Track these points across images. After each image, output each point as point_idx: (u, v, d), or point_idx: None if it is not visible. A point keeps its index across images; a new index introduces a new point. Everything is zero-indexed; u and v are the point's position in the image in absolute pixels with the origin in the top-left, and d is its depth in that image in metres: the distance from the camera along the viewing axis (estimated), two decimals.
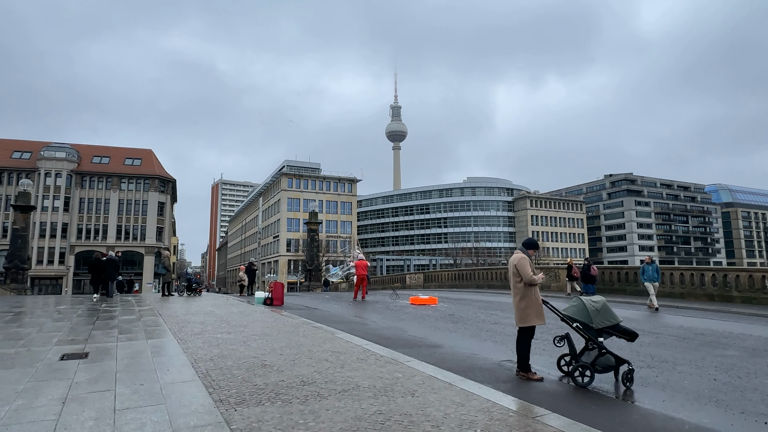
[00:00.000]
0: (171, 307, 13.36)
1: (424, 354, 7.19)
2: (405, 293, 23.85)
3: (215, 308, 12.83)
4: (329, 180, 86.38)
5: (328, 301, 17.76)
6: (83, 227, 68.56)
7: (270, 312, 12.02)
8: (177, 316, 10.70)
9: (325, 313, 12.86)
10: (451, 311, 13.50)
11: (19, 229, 37.34)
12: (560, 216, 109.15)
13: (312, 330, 8.80)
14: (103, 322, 9.57)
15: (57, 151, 68.28)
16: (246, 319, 10.41)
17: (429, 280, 33.98)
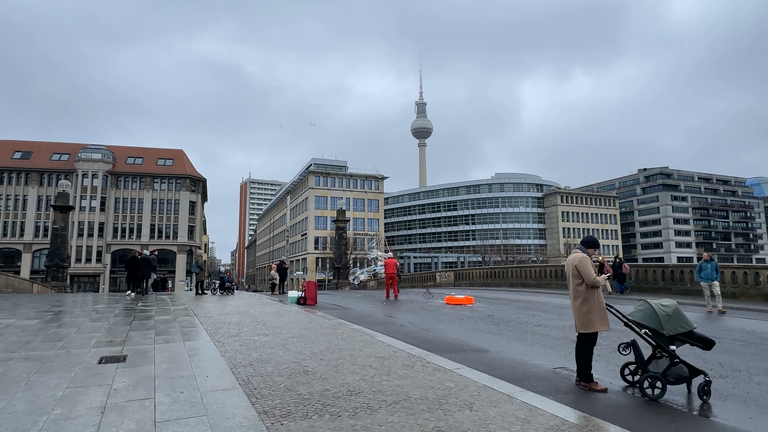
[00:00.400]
0: (205, 306, 13.30)
1: (471, 360, 6.77)
2: (437, 292, 23.39)
3: (249, 308, 12.68)
4: (356, 177, 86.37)
5: (360, 300, 17.47)
6: (119, 226, 70.57)
7: (304, 312, 11.79)
8: (212, 317, 10.56)
9: (360, 314, 12.55)
10: (490, 312, 12.99)
11: (58, 228, 38.53)
12: (592, 212, 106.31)
13: (350, 332, 8.48)
14: (140, 323, 9.50)
15: (93, 153, 70.44)
16: (281, 319, 10.18)
17: (460, 278, 33.37)
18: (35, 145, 73.70)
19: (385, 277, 18.02)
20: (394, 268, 17.68)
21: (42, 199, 68.26)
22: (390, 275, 17.55)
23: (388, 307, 14.56)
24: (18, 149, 71.69)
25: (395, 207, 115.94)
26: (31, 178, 68.89)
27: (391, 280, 17.58)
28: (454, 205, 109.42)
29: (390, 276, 17.50)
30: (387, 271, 17.69)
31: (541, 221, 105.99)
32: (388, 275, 17.67)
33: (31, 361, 5.94)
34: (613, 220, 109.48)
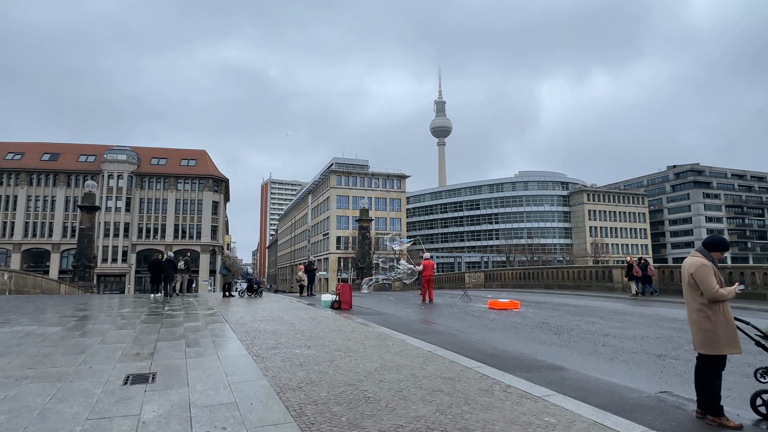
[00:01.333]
0: (235, 311, 12.53)
1: (552, 381, 5.75)
2: (471, 294, 22.24)
3: (282, 313, 11.86)
4: (378, 177, 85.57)
5: (395, 304, 16.54)
6: (143, 226, 71.21)
7: (342, 318, 10.89)
8: (245, 324, 9.75)
9: (401, 320, 11.61)
10: (542, 318, 11.89)
11: (85, 228, 38.65)
12: (620, 210, 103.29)
13: (400, 344, 7.53)
14: (168, 331, 8.73)
15: (119, 154, 71.22)
16: (320, 327, 9.30)
17: (490, 279, 32.14)
18: (63, 146, 74.95)
19: (421, 279, 16.94)
20: (432, 270, 16.60)
21: (69, 200, 69.29)
22: (428, 278, 16.49)
23: (429, 312, 13.57)
24: (46, 151, 73.00)
25: (416, 206, 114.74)
26: (59, 179, 70.01)
27: (427, 283, 16.54)
28: (477, 204, 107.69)
29: (428, 278, 16.44)
30: (424, 273, 16.62)
31: (566, 220, 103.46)
32: (425, 278, 16.59)
33: (48, 381, 5.14)
34: (641, 218, 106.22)
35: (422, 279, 16.76)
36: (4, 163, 69.89)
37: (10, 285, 23.41)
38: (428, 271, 16.73)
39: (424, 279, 16.71)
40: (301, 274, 22.02)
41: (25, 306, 13.40)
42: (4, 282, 22.83)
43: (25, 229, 68.41)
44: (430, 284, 16.75)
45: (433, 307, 15.14)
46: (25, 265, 67.53)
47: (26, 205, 68.72)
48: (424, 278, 16.75)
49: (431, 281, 16.95)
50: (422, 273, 16.80)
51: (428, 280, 16.67)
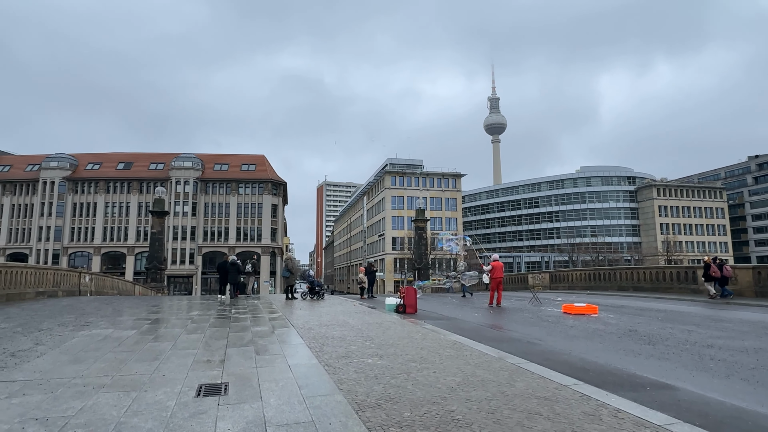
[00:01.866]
0: (300, 315, 12.40)
1: (664, 403, 4.97)
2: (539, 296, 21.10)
3: (347, 317, 11.58)
4: (432, 176, 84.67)
5: (461, 307, 15.87)
6: (208, 229, 74.53)
7: (410, 324, 10.42)
8: (311, 329, 9.51)
9: (472, 326, 10.98)
10: (627, 325, 10.83)
11: (156, 232, 40.76)
12: (695, 205, 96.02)
13: (479, 355, 6.95)
14: (237, 336, 8.63)
15: (185, 161, 74.96)
16: (389, 334, 8.88)
17: (556, 280, 30.56)
18: (135, 156, 79.98)
19: (490, 282, 16.13)
20: (502, 271, 15.76)
21: (142, 205, 73.81)
22: (497, 280, 15.61)
23: (499, 317, 12.82)
24: (121, 160, 78.16)
25: (472, 205, 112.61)
26: (132, 186, 74.74)
27: (497, 286, 15.67)
28: (536, 202, 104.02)
29: (497, 281, 15.55)
30: (494, 276, 15.72)
31: (634, 217, 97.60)
32: (495, 280, 15.72)
33: (124, 391, 5.03)
34: (720, 214, 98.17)
35: (491, 281, 15.82)
36: (85, 173, 75.57)
37: (92, 287, 24.92)
38: (498, 272, 15.79)
39: (494, 281, 15.81)
40: (361, 276, 21.82)
41: (104, 308, 13.98)
42: (86, 284, 24.34)
43: (104, 234, 73.57)
44: (500, 287, 15.85)
45: (502, 311, 14.34)
46: (104, 267, 72.64)
47: (104, 212, 73.91)
48: (493, 281, 15.83)
49: (501, 284, 16.04)
50: (492, 275, 15.80)
51: (498, 283, 15.80)
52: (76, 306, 13.94)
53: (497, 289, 15.83)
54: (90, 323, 10.06)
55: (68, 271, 22.50)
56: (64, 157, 75.82)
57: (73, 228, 73.34)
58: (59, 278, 20.70)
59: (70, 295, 21.39)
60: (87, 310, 13.01)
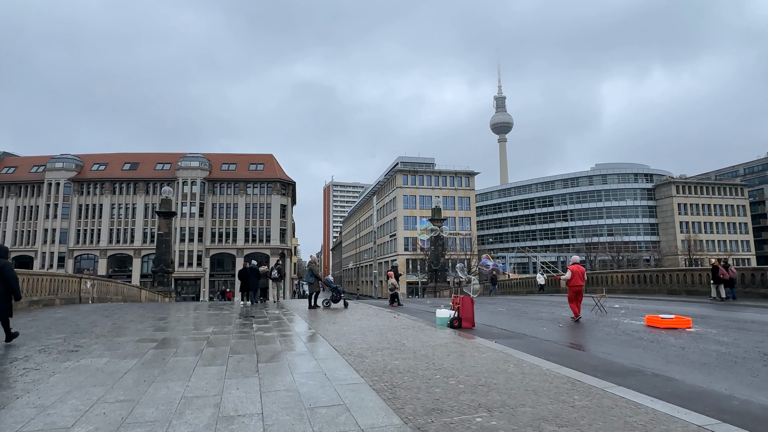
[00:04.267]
0: (336, 331, 10.27)
1: None
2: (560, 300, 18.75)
3: (396, 335, 9.43)
4: (445, 174, 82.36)
5: (517, 318, 13.67)
6: (216, 231, 72.70)
7: (485, 347, 8.28)
8: (363, 356, 7.39)
9: (556, 347, 8.81)
10: (749, 344, 8.62)
11: (163, 234, 38.86)
12: (715, 203, 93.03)
13: (633, 407, 4.78)
14: (270, 368, 6.55)
15: (192, 161, 73.23)
16: (468, 364, 6.73)
17: (594, 283, 28.23)
18: (142, 156, 78.37)
19: (568, 290, 12.91)
20: (583, 278, 12.88)
21: (148, 206, 72.10)
22: (577, 289, 12.71)
23: (579, 334, 10.60)
24: (126, 161, 76.57)
25: (483, 205, 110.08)
26: (139, 187, 73.08)
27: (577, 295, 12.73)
28: (550, 201, 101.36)
29: (577, 290, 12.73)
30: (572, 283, 12.70)
31: (652, 215, 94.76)
32: (573, 288, 12.72)
33: None
34: (741, 211, 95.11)
35: (569, 290, 12.83)
36: (90, 173, 74.02)
37: (93, 293, 22.96)
38: (576, 279, 12.69)
39: (571, 290, 12.76)
40: (392, 280, 19.49)
41: (102, 322, 11.94)
42: (87, 290, 22.38)
43: (110, 236, 71.94)
44: (579, 298, 12.79)
45: (581, 326, 12.10)
46: (111, 269, 71.01)
47: (110, 213, 72.30)
48: (570, 289, 12.79)
49: (581, 293, 12.83)
50: (570, 282, 12.70)
51: (577, 292, 12.70)
52: (70, 320, 11.92)
53: (577, 300, 12.72)
54: (81, 347, 7.99)
55: (67, 276, 20.55)
56: (69, 157, 74.32)
57: (78, 230, 71.77)
58: (56, 285, 18.72)
59: (69, 303, 19.41)
60: (81, 325, 10.96)
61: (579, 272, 12.62)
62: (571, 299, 12.70)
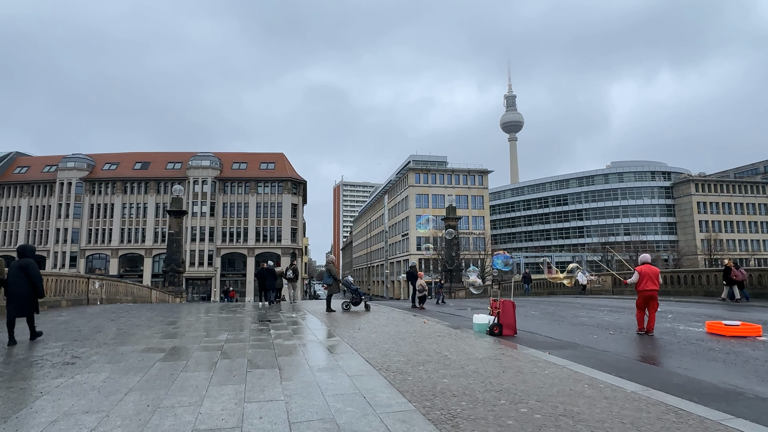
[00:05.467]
0: (366, 340, 9.22)
1: None
2: (593, 303, 17.60)
3: (433, 344, 8.36)
4: (458, 173, 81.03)
5: (559, 325, 12.50)
6: (227, 230, 72.13)
7: (525, 355, 7.19)
8: (403, 372, 6.33)
9: (623, 360, 7.67)
10: None
11: (174, 233, 38.12)
12: (735, 201, 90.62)
13: None
14: (295, 391, 5.49)
15: (203, 160, 72.72)
16: (532, 383, 5.64)
17: (620, 283, 26.96)
18: (152, 155, 78.12)
19: (637, 297, 10.28)
20: (657, 281, 10.02)
21: (159, 206, 71.75)
22: (650, 294, 9.91)
23: (642, 344, 9.40)
24: (138, 160, 76.33)
25: (495, 204, 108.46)
26: (150, 186, 72.77)
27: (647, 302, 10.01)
28: (564, 199, 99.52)
29: (649, 295, 9.93)
30: (641, 287, 9.95)
31: (670, 214, 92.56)
32: (644, 294, 9.96)
33: None
34: (763, 210, 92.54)
35: (639, 296, 10.15)
36: (102, 173, 73.88)
37: (102, 294, 22.19)
38: (648, 282, 9.93)
39: (642, 296, 10.02)
40: (422, 281, 18.25)
41: (107, 327, 11.02)
42: (95, 291, 21.60)
43: (121, 235, 71.71)
44: (652, 305, 9.99)
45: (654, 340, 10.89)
46: (122, 269, 70.77)
47: (121, 213, 72.07)
48: (641, 295, 10.04)
49: (655, 299, 10.00)
50: (639, 286, 10.02)
51: (648, 298, 9.95)
52: (73, 325, 11.02)
53: (649, 307, 10.02)
54: (79, 358, 7.03)
55: (74, 276, 19.76)
56: (81, 157, 74.23)
57: (90, 229, 71.64)
58: (63, 285, 17.91)
59: (76, 304, 18.61)
60: (84, 331, 10.04)
61: (650, 274, 10.02)
62: (640, 306, 10.24)
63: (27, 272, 8.13)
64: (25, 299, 8.18)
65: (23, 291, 8.13)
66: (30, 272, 8.15)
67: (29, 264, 8.19)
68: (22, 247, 8.50)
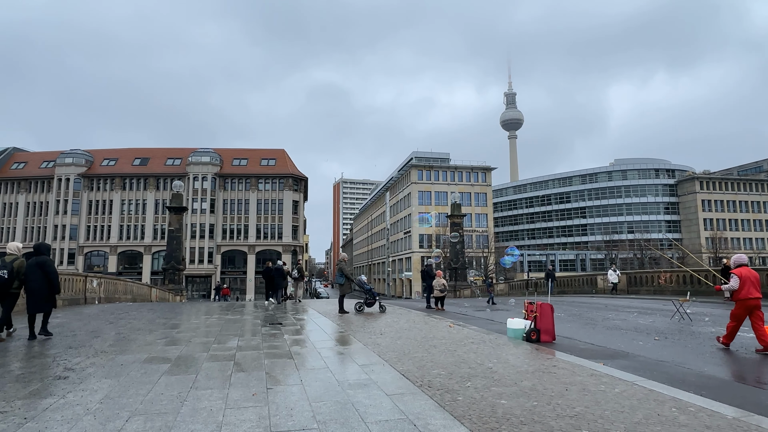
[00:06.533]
0: (392, 347, 8.35)
1: None
2: (603, 302, 16.79)
3: (469, 352, 7.49)
4: (461, 170, 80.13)
5: (593, 328, 11.64)
6: (227, 227, 71.20)
7: (581, 368, 6.33)
8: (448, 389, 5.47)
9: (680, 371, 6.80)
10: None
11: (174, 230, 37.19)
12: (740, 199, 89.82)
13: None
14: (329, 410, 4.62)
15: (202, 156, 71.72)
16: (591, 400, 4.78)
17: (635, 283, 26.11)
18: (151, 151, 77.06)
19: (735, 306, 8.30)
20: (758, 287, 8.14)
21: (158, 202, 70.79)
22: (753, 303, 8.01)
23: (697, 351, 8.54)
24: (137, 156, 75.29)
25: (498, 201, 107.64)
26: (149, 183, 71.77)
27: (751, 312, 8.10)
28: (567, 197, 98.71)
29: (752, 305, 8.02)
30: (742, 295, 8.04)
31: (674, 212, 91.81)
32: (746, 303, 8.04)
33: None
34: (767, 208, 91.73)
35: (737, 306, 8.23)
36: (100, 169, 72.86)
37: (100, 292, 21.31)
38: (751, 289, 8.03)
39: (743, 306, 8.09)
40: (441, 280, 17.31)
41: (105, 332, 10.14)
42: (93, 290, 20.72)
43: (120, 232, 70.76)
44: (756, 315, 8.06)
45: (669, 337, 10.06)
46: (121, 266, 69.84)
47: (120, 209, 71.09)
48: (742, 305, 8.11)
49: (759, 308, 8.08)
50: (737, 295, 8.16)
51: (752, 308, 8.05)
52: (68, 328, 10.14)
53: (752, 318, 8.08)
54: (72, 371, 6.16)
55: (71, 275, 18.86)
56: (79, 153, 73.16)
57: (89, 226, 70.65)
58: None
59: (73, 304, 17.72)
60: (80, 336, 9.16)
61: (752, 279, 8.12)
62: (738, 318, 8.25)
63: (44, 269, 8.51)
64: (43, 296, 8.54)
65: (41, 288, 8.48)
66: (47, 269, 8.53)
67: (46, 261, 8.61)
68: (38, 246, 8.91)
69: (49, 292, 8.63)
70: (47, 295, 8.61)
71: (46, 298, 8.63)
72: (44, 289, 8.52)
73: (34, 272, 8.44)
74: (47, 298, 8.64)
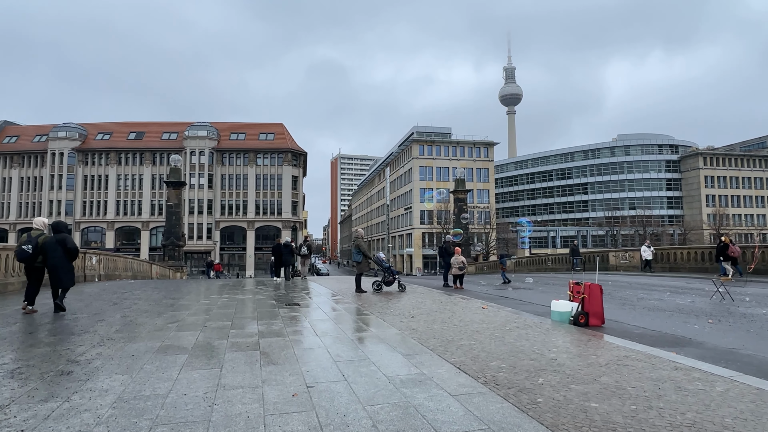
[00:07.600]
0: (427, 330, 7.59)
1: None
2: (625, 280, 16.16)
3: (511, 336, 6.73)
4: (463, 145, 78.85)
5: (632, 309, 10.90)
6: (225, 203, 70.20)
7: (658, 358, 5.58)
8: (506, 380, 4.70)
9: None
10: None
11: (172, 205, 36.21)
12: (743, 176, 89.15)
13: None
14: (388, 415, 3.84)
15: (199, 130, 70.13)
16: (699, 403, 4.02)
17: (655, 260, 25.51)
18: (147, 125, 75.28)
19: None
20: None
21: (155, 177, 69.50)
22: None
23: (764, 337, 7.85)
24: (132, 130, 73.56)
25: (499, 177, 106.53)
26: (145, 157, 70.31)
27: None
28: (569, 173, 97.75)
29: None
30: None
31: (676, 188, 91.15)
32: None
33: None
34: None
35: None
36: (95, 143, 71.21)
37: (100, 270, 20.50)
38: None
39: None
40: (462, 258, 16.58)
41: (109, 314, 9.34)
42: (93, 267, 19.90)
43: (117, 208, 69.68)
44: None
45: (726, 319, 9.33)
46: (119, 242, 69.00)
47: (116, 184, 69.84)
48: None
49: None
50: None
51: None
52: (69, 310, 9.32)
53: None
54: (77, 363, 5.35)
55: None
56: (72, 126, 71.35)
57: (84, 202, 69.47)
58: None
59: None
60: (82, 321, 8.34)
61: None
62: None
63: (65, 245, 8.86)
64: (65, 271, 8.92)
65: (62, 264, 8.86)
66: (67, 245, 8.91)
67: (66, 238, 8.98)
68: (57, 223, 9.37)
69: (70, 268, 9.06)
70: (69, 271, 9.03)
71: (69, 273, 9.04)
72: (66, 264, 8.90)
73: (55, 249, 8.75)
74: (70, 273, 9.07)
